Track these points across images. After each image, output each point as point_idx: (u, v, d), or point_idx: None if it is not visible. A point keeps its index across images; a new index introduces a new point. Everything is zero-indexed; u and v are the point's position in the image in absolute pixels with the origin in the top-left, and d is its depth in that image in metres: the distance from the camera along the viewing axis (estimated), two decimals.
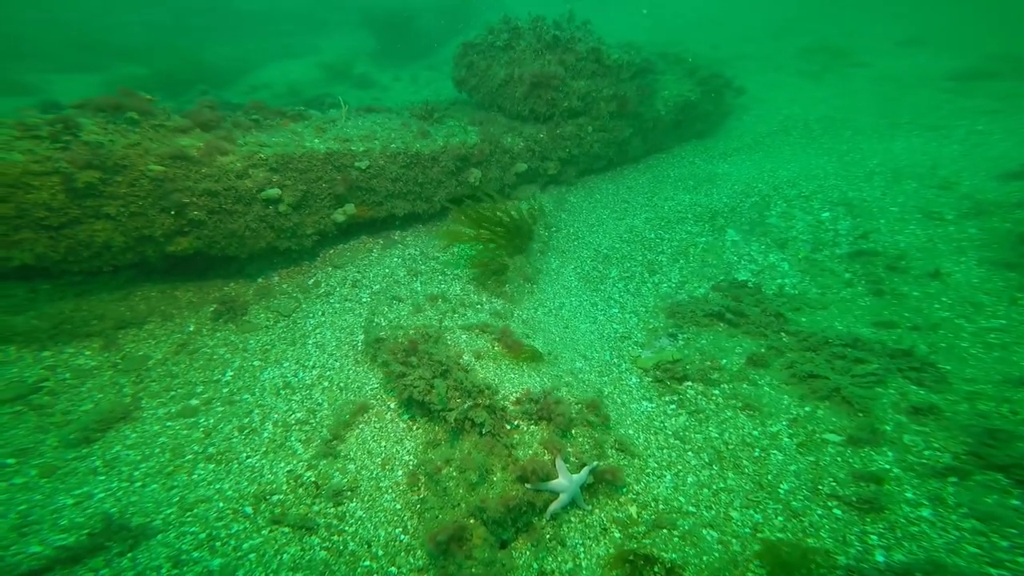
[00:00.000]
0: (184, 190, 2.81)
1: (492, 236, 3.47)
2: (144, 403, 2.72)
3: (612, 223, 4.64)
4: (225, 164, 2.89)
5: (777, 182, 5.26)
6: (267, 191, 3.02)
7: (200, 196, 2.87)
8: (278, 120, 3.38)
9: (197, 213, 2.87)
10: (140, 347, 3.05)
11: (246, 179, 2.95)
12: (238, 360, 3.04)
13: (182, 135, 2.81)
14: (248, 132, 3.13)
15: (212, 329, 3.23)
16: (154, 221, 2.81)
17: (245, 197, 3.02)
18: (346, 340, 3.11)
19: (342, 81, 10.87)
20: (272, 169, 3.05)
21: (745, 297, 3.95)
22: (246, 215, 3.04)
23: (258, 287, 3.52)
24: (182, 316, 3.26)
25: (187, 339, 3.15)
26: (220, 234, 3.03)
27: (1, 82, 9.28)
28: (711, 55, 11.70)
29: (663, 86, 5.65)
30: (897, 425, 2.85)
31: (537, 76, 4.12)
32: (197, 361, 3.02)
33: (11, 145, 2.43)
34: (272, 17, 15.27)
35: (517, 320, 3.38)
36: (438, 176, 3.84)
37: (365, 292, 3.53)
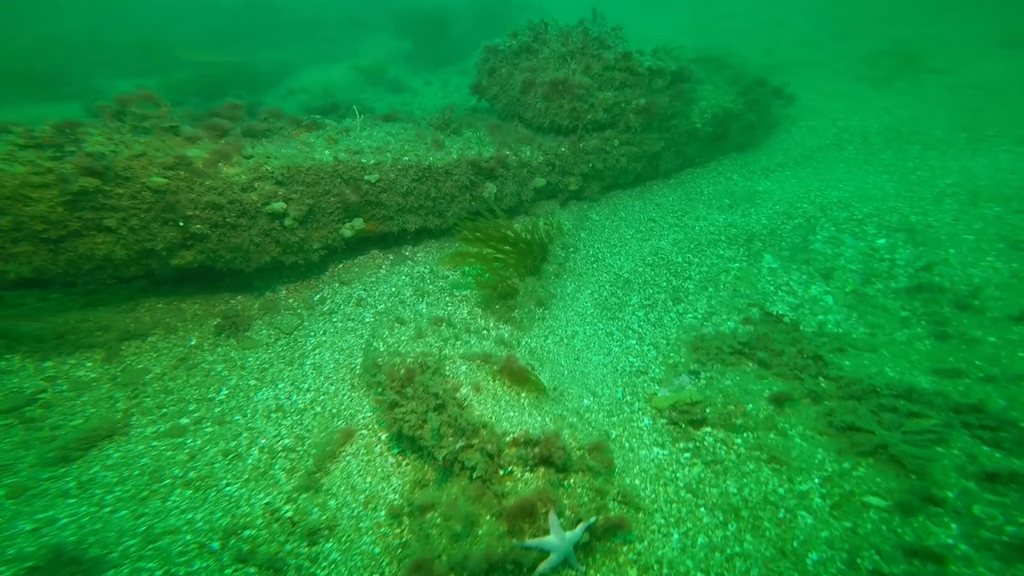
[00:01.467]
0: (187, 203, 2.88)
1: (501, 257, 3.38)
2: (134, 420, 2.82)
3: (636, 244, 4.45)
4: (230, 176, 2.99)
5: (825, 203, 4.89)
6: (272, 205, 3.11)
7: (203, 209, 2.96)
8: (291, 129, 3.44)
9: (200, 226, 2.97)
10: (141, 360, 3.20)
11: (251, 192, 3.04)
12: (235, 378, 3.11)
13: (190, 144, 2.90)
14: (258, 142, 3.20)
15: (213, 344, 3.35)
16: (157, 234, 2.91)
17: (250, 211, 3.10)
18: (344, 363, 3.12)
19: (375, 85, 11.22)
20: (278, 182, 3.13)
21: (779, 334, 3.66)
22: (250, 229, 3.13)
23: (264, 301, 3.60)
24: (186, 329, 3.41)
25: (188, 353, 3.27)
26: (224, 248, 3.12)
27: (74, 87, 10.14)
28: (762, 60, 11.22)
29: (701, 96, 5.40)
30: (964, 492, 2.50)
31: (558, 84, 4.00)
32: (194, 377, 3.12)
33: (14, 156, 2.56)
34: (317, 23, 16.00)
35: (524, 350, 3.27)
36: (451, 191, 3.80)
37: (369, 312, 3.53)
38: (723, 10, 18.01)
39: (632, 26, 19.32)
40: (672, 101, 4.56)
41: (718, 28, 15.68)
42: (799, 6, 17.21)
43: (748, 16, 16.75)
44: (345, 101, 10.17)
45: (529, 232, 3.70)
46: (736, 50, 12.48)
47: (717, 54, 9.19)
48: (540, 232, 3.75)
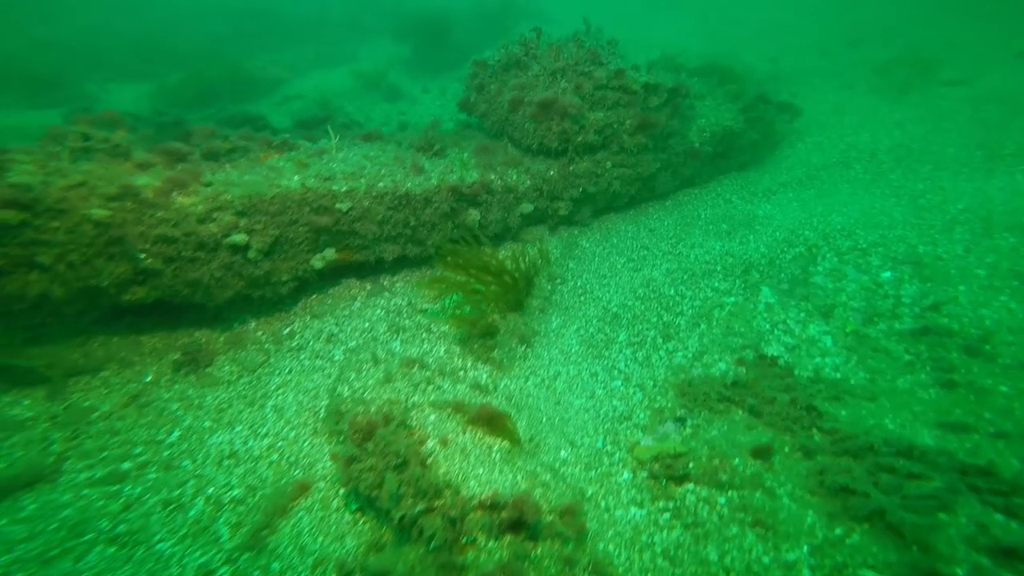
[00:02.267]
0: (135, 236, 2.76)
1: (482, 289, 3.24)
2: (68, 465, 2.71)
3: (627, 274, 4.29)
4: (185, 206, 2.86)
5: (828, 230, 4.71)
6: (232, 237, 3.00)
7: (155, 243, 2.83)
8: (261, 151, 3.30)
9: (152, 261, 2.83)
10: (88, 397, 3.11)
11: (209, 223, 2.92)
12: (189, 418, 3.00)
13: (141, 172, 2.77)
14: (220, 167, 3.06)
15: (171, 380, 3.25)
16: (102, 270, 2.77)
17: (208, 243, 2.99)
18: (308, 405, 3.00)
19: (373, 92, 11.15)
20: (239, 212, 3.02)
21: (772, 379, 3.49)
22: (209, 263, 3.02)
23: (231, 335, 3.50)
24: (143, 364, 3.31)
25: (142, 390, 3.19)
26: (180, 283, 3.02)
27: (65, 92, 10.11)
28: (768, 69, 10.98)
29: (700, 113, 5.23)
30: (975, 570, 2.31)
31: (547, 105, 3.85)
32: (146, 416, 3.03)
33: None
34: (319, 25, 15.96)
35: (501, 395, 3.14)
36: (431, 218, 3.68)
37: (339, 349, 3.41)
38: (731, 13, 17.74)
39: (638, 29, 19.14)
40: (668, 120, 4.40)
41: (725, 32, 15.45)
42: (809, 10, 16.91)
43: (756, 19, 16.47)
44: (339, 109, 10.10)
45: (514, 263, 3.55)
46: (742, 57, 12.24)
47: (722, 62, 8.98)
48: (526, 263, 3.60)
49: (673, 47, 14.15)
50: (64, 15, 16.11)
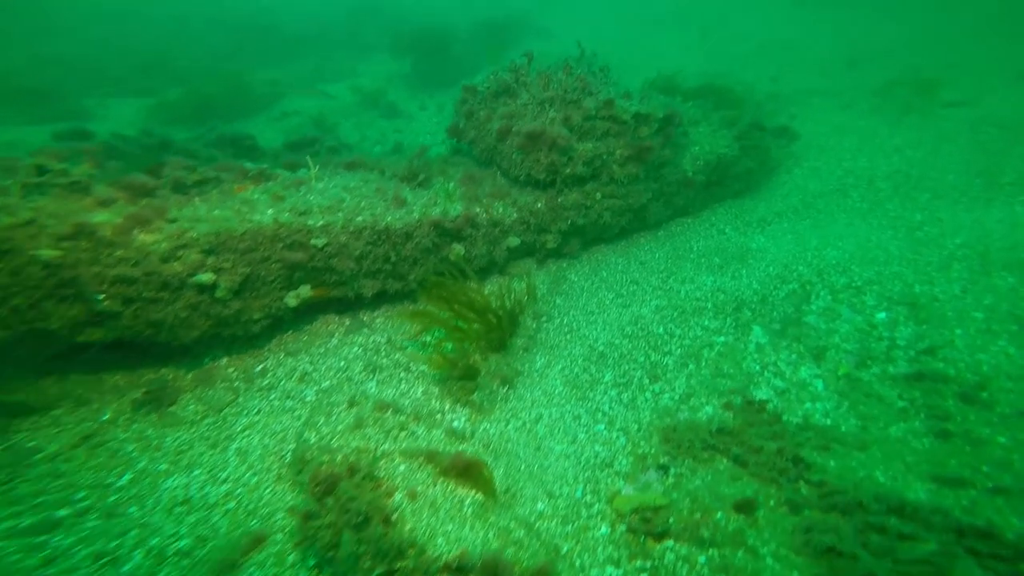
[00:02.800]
0: (90, 277, 2.67)
1: (464, 327, 3.17)
2: None
3: (615, 311, 4.23)
4: (147, 244, 2.79)
5: (823, 265, 4.65)
6: (198, 276, 2.93)
7: (112, 284, 2.74)
8: (235, 182, 3.24)
9: (109, 303, 2.75)
10: (35, 437, 3.01)
11: (173, 262, 2.86)
12: (144, 461, 2.93)
13: (100, 208, 2.70)
14: (189, 201, 3.00)
15: (130, 420, 3.18)
16: (51, 314, 2.69)
17: (172, 283, 2.92)
18: (274, 449, 2.93)
19: (371, 109, 11.23)
20: (206, 250, 2.95)
21: (760, 426, 3.41)
22: (174, 303, 2.96)
23: (201, 371, 3.43)
24: (102, 402, 3.24)
25: (96, 430, 3.11)
26: (141, 324, 2.96)
27: (62, 107, 10.18)
28: (767, 89, 10.99)
29: (694, 140, 5.21)
30: None
31: (535, 136, 3.81)
32: (96, 458, 2.95)
33: None
34: (320, 41, 16.15)
35: (478, 441, 3.06)
36: (412, 253, 3.63)
37: (312, 389, 3.34)
38: (733, 29, 17.88)
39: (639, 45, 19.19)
40: (660, 150, 4.36)
41: (726, 50, 15.55)
42: (810, 28, 17.04)
43: (757, 37, 16.58)
44: (334, 126, 10.14)
45: (500, 300, 3.48)
46: (742, 76, 12.32)
47: (720, 83, 8.97)
48: (511, 301, 3.53)
49: (673, 65, 14.26)
50: (69, 31, 16.34)
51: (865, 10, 17.29)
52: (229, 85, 11.06)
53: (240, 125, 10.67)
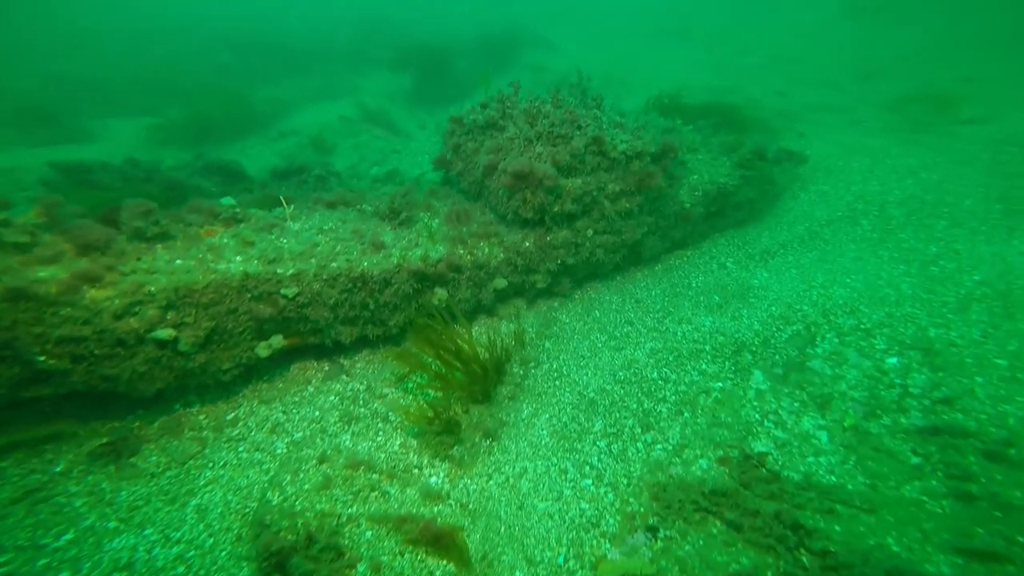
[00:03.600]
0: (30, 339, 2.59)
1: (448, 378, 3.06)
2: None
3: (608, 354, 4.11)
4: (98, 301, 2.71)
5: (830, 305, 4.50)
6: (156, 332, 2.87)
7: (56, 344, 2.66)
8: (203, 225, 3.17)
9: (55, 362, 2.68)
10: None
11: (129, 318, 2.79)
12: (92, 517, 2.84)
13: (45, 265, 2.64)
14: (150, 249, 2.93)
15: (85, 472, 3.11)
16: None
17: (127, 340, 2.84)
18: (236, 507, 2.84)
19: (371, 127, 11.23)
20: (165, 306, 2.88)
21: (757, 484, 3.25)
22: (131, 359, 2.90)
23: (169, 419, 3.38)
24: (58, 451, 3.17)
25: (45, 483, 3.03)
26: (95, 378, 2.89)
27: (64, 130, 10.36)
28: (775, 104, 10.86)
29: (693, 169, 5.11)
30: None
31: (522, 176, 3.71)
32: (37, 515, 2.84)
33: None
34: (326, 56, 16.43)
35: (455, 501, 2.95)
36: (392, 299, 3.55)
37: (283, 441, 3.26)
38: (741, 43, 17.82)
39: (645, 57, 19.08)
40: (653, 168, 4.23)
41: (733, 64, 15.50)
42: (820, 40, 16.91)
43: (765, 50, 16.51)
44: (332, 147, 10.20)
45: (488, 350, 3.36)
46: (749, 91, 12.20)
47: (725, 100, 8.84)
48: (499, 349, 3.41)
49: (677, 80, 14.22)
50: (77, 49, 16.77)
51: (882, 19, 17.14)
52: (229, 105, 11.25)
53: (238, 146, 10.84)
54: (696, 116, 6.89)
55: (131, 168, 4.98)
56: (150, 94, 13.02)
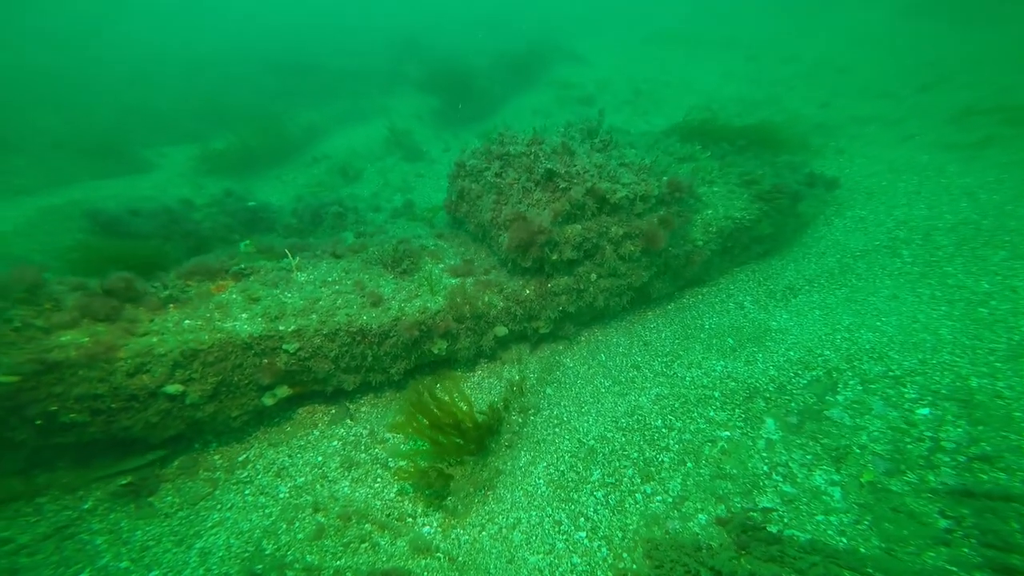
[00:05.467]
0: (53, 397, 3.02)
1: (443, 445, 3.29)
2: None
3: (611, 400, 4.22)
4: (111, 362, 3.13)
5: (855, 350, 4.41)
6: (166, 388, 3.29)
7: (76, 402, 3.08)
8: (212, 284, 3.60)
9: (75, 416, 3.11)
10: (10, 527, 3.31)
11: (141, 375, 3.20)
12: (108, 556, 3.25)
13: (65, 330, 3.10)
14: (159, 311, 3.42)
15: (108, 510, 3.51)
16: (16, 428, 3.06)
17: (140, 395, 3.25)
18: (238, 551, 3.17)
19: (396, 151, 11.90)
20: (173, 365, 3.28)
21: (756, 545, 3.22)
22: (144, 411, 3.31)
23: (187, 458, 3.80)
24: (87, 489, 3.58)
25: (74, 519, 3.42)
26: (114, 428, 3.32)
27: (124, 161, 11.67)
28: (814, 118, 10.56)
29: (707, 203, 5.15)
30: None
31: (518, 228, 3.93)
32: (62, 552, 3.22)
33: None
34: (357, 77, 17.53)
35: (443, 556, 3.15)
36: (392, 351, 3.84)
37: (286, 485, 3.59)
38: (785, 50, 17.37)
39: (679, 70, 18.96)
40: (659, 227, 4.31)
41: (774, 74, 15.14)
42: (874, 46, 16.17)
43: (811, 57, 15.96)
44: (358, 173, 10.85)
45: (490, 415, 3.56)
46: (788, 104, 11.84)
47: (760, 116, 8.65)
48: (497, 405, 3.61)
49: (712, 93, 14.05)
50: (141, 79, 18.77)
51: (948, 20, 16.21)
52: (268, 133, 12.43)
53: (275, 172, 11.82)
54: (722, 138, 6.84)
55: (162, 216, 5.63)
56: (200, 120, 14.51)
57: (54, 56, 21.52)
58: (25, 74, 18.60)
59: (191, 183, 11.11)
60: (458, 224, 5.31)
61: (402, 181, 10.62)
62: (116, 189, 10.77)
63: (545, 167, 4.14)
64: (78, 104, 15.46)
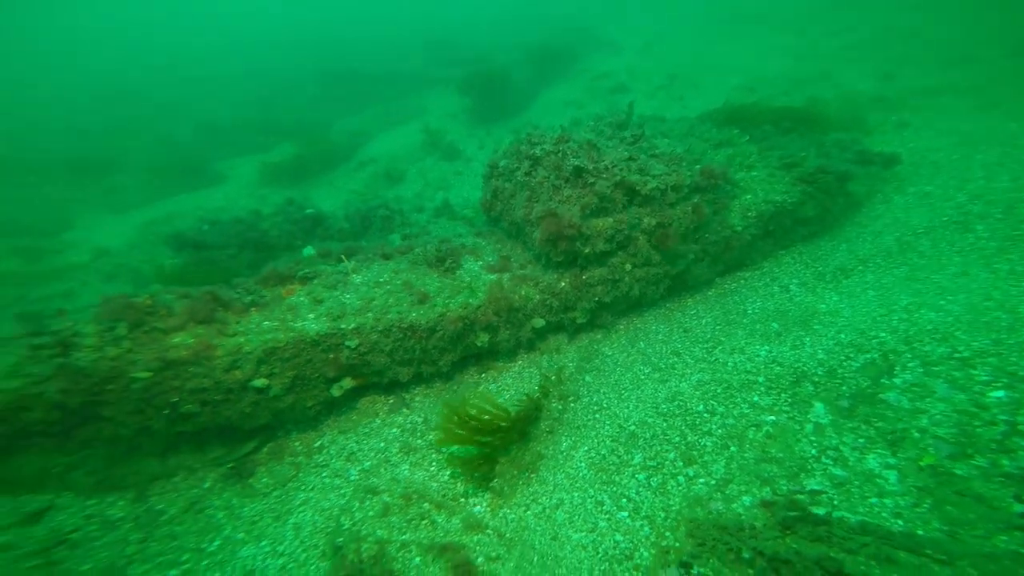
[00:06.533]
0: (174, 390, 3.66)
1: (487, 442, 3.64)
2: (131, 569, 3.57)
3: (651, 386, 4.35)
4: (212, 361, 3.73)
5: (914, 331, 4.26)
6: (254, 382, 3.84)
7: (190, 394, 3.71)
8: (282, 288, 4.18)
9: (190, 407, 3.74)
10: (162, 500, 4.05)
11: (234, 371, 3.76)
12: (229, 528, 3.82)
13: (177, 332, 3.74)
14: (243, 315, 3.98)
15: (221, 489, 4.14)
16: (151, 417, 3.73)
17: (234, 388, 3.83)
18: (322, 526, 3.62)
19: (434, 151, 12.62)
20: (258, 361, 3.82)
21: (802, 525, 3.27)
22: (239, 402, 3.88)
23: (275, 445, 4.40)
24: (204, 471, 4.24)
25: (200, 496, 4.09)
26: (217, 419, 3.92)
27: (202, 175, 13.20)
28: (873, 91, 9.96)
29: (746, 188, 5.12)
30: None
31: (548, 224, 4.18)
32: (198, 523, 3.88)
33: (18, 369, 3.45)
34: (390, 80, 18.47)
35: (492, 532, 3.46)
36: (439, 344, 4.21)
37: (355, 469, 4.05)
38: (838, 21, 16.21)
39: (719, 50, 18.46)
40: (693, 214, 4.42)
41: (825, 47, 14.22)
42: (954, 8, 14.62)
43: (872, 25, 14.81)
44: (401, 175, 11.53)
45: (527, 403, 3.87)
46: (842, 78, 11.15)
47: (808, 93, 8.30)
48: (536, 395, 3.91)
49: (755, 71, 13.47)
50: (210, 96, 20.85)
51: None
52: (317, 143, 13.84)
53: (327, 178, 12.87)
54: (764, 120, 6.71)
55: (236, 226, 6.41)
56: (261, 133, 16.22)
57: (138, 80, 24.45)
58: (118, 98, 21.29)
59: (255, 194, 12.38)
60: (494, 222, 5.60)
61: (441, 180, 11.17)
62: (197, 201, 12.40)
63: (573, 164, 4.33)
64: (160, 124, 17.81)
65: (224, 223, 6.63)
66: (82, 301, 7.22)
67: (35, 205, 12.40)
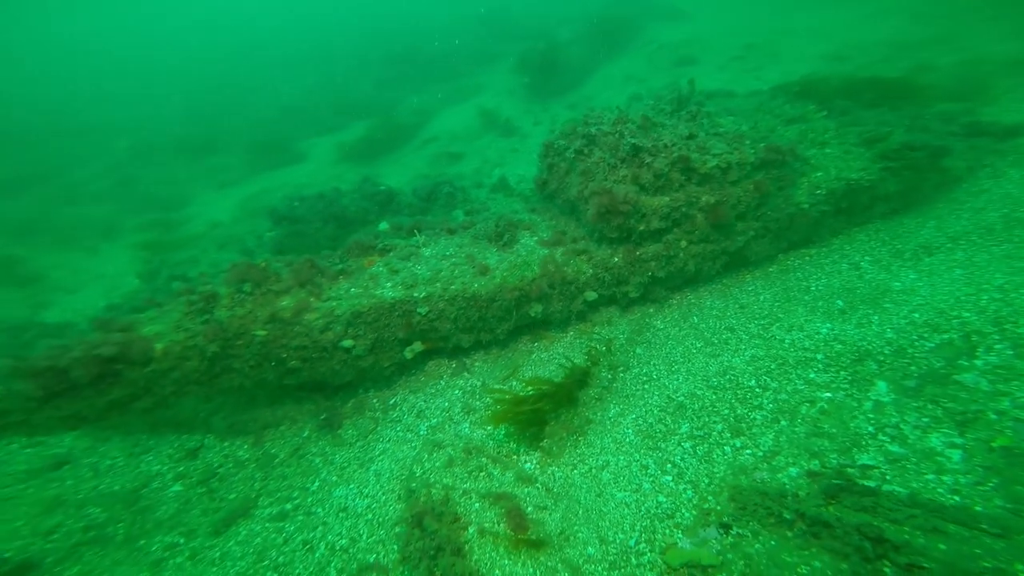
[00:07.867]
0: (283, 347, 4.39)
1: (539, 407, 4.09)
2: (260, 501, 4.43)
3: (702, 360, 4.54)
4: (310, 322, 4.41)
5: (1007, 312, 4.06)
6: (343, 342, 4.50)
7: (294, 351, 4.42)
8: (365, 259, 4.84)
9: (295, 363, 4.48)
10: (274, 445, 4.89)
11: (327, 332, 4.42)
12: (324, 472, 4.55)
13: (284, 295, 4.45)
14: (335, 281, 4.62)
15: (317, 438, 4.90)
16: (268, 370, 4.49)
17: (328, 347, 4.49)
18: (397, 474, 4.26)
19: (491, 129, 13.11)
20: (346, 323, 4.46)
21: (846, 497, 3.38)
22: (331, 360, 4.55)
23: (356, 401, 5.11)
24: (304, 422, 5.04)
25: (301, 443, 4.88)
26: (314, 375, 4.63)
27: (287, 152, 15.24)
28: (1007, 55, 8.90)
29: (817, 165, 5.00)
30: None
31: (603, 200, 4.45)
32: (301, 466, 4.65)
33: (180, 324, 4.17)
34: (449, 58, 19.12)
35: (541, 486, 3.91)
36: (497, 313, 4.69)
37: (424, 424, 4.65)
38: None
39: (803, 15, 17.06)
40: (755, 191, 4.47)
41: (946, 7, 12.41)
42: None
43: None
44: (460, 154, 12.08)
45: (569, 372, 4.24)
46: (968, 40, 9.88)
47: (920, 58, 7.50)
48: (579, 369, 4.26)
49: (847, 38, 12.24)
50: (287, 82, 22.76)
51: None
52: (386, 123, 14.91)
53: (394, 156, 13.82)
54: (852, 92, 6.34)
55: (319, 202, 7.29)
56: (337, 113, 17.70)
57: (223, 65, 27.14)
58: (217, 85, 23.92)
59: (332, 171, 13.62)
60: (549, 199, 5.85)
61: (499, 157, 11.58)
62: (284, 178, 13.89)
63: (630, 143, 4.49)
64: (249, 108, 20.18)
65: (310, 199, 7.53)
66: (203, 267, 8.60)
67: (165, 183, 14.59)
